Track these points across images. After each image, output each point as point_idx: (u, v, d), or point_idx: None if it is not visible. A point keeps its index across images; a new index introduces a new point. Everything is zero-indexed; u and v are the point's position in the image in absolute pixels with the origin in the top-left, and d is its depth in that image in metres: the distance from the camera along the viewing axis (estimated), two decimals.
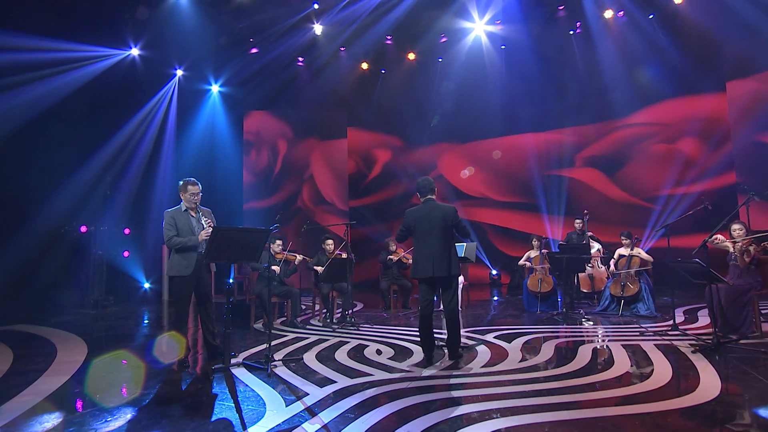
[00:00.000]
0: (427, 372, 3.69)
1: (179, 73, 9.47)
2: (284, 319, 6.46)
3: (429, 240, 4.00)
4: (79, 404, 3.10)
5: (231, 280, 8.61)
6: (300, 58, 10.52)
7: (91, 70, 7.73)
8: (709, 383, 3.14)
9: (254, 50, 9.74)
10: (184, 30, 8.20)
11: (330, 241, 6.96)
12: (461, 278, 6.49)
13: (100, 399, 3.16)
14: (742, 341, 4.34)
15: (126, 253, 8.49)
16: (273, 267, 6.10)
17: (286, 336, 5.36)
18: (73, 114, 7.51)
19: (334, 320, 6.32)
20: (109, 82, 7.88)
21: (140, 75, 8.42)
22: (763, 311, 4.97)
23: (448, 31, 9.97)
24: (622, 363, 3.77)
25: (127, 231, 8.48)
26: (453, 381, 3.45)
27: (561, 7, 8.95)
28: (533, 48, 9.62)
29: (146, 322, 6.81)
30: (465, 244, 5.26)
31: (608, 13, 8.99)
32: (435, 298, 4.22)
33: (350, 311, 6.34)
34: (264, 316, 6.11)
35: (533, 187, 10.89)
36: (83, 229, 7.91)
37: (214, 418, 2.81)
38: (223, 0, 8.12)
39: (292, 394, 3.20)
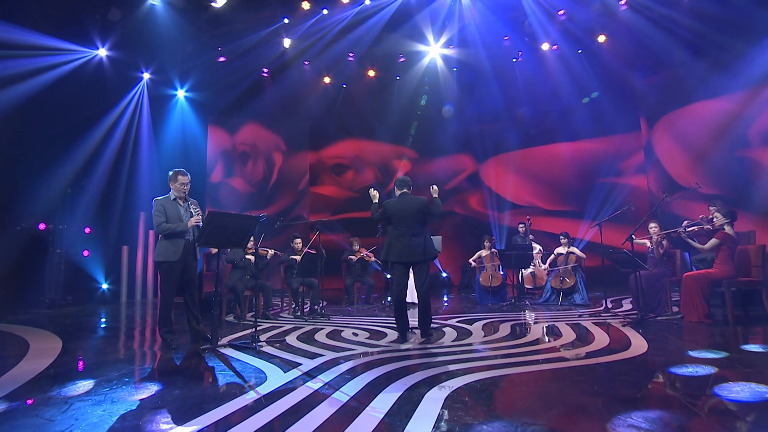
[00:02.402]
0: (404, 346, 3.96)
1: (146, 76, 9.22)
2: (254, 312, 6.45)
3: (405, 228, 4.29)
4: (76, 377, 3.05)
5: None
6: (265, 69, 10.59)
7: (59, 70, 7.37)
8: (638, 344, 3.68)
9: (222, 59, 9.72)
10: (155, 34, 8.06)
11: (298, 240, 7.08)
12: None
13: (95, 374, 3.13)
14: (658, 318, 5.02)
15: (86, 253, 8.03)
16: (248, 256, 6.16)
17: (261, 325, 5.39)
18: (37, 112, 7.11)
19: (304, 313, 6.42)
20: (76, 83, 7.53)
21: (107, 76, 8.11)
22: (674, 299, 5.72)
23: (408, 54, 10.52)
24: (569, 334, 4.26)
25: (87, 230, 8.04)
26: (431, 350, 3.74)
27: (506, 37, 9.75)
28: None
29: (109, 320, 6.51)
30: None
31: (545, 46, 9.93)
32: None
33: (319, 305, 6.47)
34: (236, 308, 6.09)
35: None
36: (42, 226, 7.42)
37: (220, 383, 2.91)
38: (197, 8, 8.10)
39: (287, 364, 3.34)
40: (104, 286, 8.36)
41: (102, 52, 8.13)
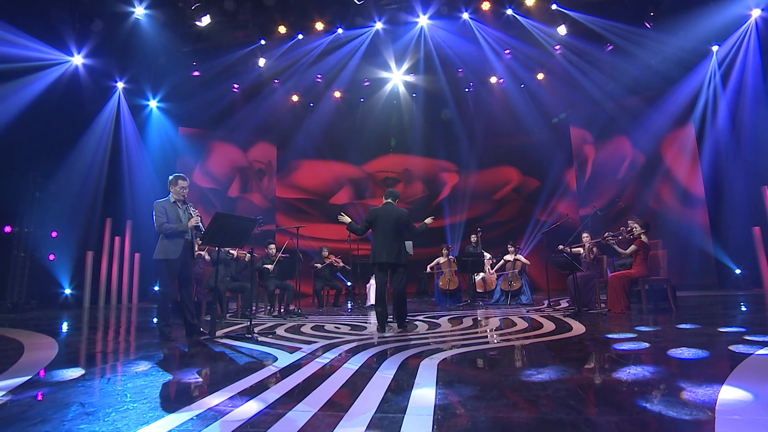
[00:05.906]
0: (386, 335, 4.37)
1: (120, 85, 9.06)
2: (232, 313, 6.56)
3: (385, 233, 4.73)
4: (95, 362, 3.16)
5: (156, 288, 8.52)
6: (235, 85, 10.72)
7: (35, 76, 7.15)
8: (578, 328, 4.36)
9: (196, 73, 9.76)
10: (132, 45, 8.03)
11: (273, 246, 7.29)
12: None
13: (112, 359, 3.25)
14: (590, 311, 5.81)
15: (52, 257, 7.66)
16: (231, 252, 6.30)
17: (242, 323, 5.55)
18: (6, 114, 6.83)
19: (281, 313, 6.61)
20: (52, 88, 7.32)
21: (82, 83, 7.92)
22: (602, 298, 6.58)
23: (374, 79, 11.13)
24: (522, 323, 4.88)
25: (54, 234, 7.69)
26: (410, 337, 4.18)
27: (460, 71, 10.65)
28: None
29: (88, 321, 6.32)
30: None
31: (493, 79, 10.94)
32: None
33: (294, 306, 6.69)
34: (217, 307, 6.16)
35: None
36: (7, 229, 7.03)
37: (238, 362, 3.16)
38: (178, 24, 8.18)
39: (289, 349, 3.63)
40: (67, 291, 7.99)
41: (78, 60, 7.95)
